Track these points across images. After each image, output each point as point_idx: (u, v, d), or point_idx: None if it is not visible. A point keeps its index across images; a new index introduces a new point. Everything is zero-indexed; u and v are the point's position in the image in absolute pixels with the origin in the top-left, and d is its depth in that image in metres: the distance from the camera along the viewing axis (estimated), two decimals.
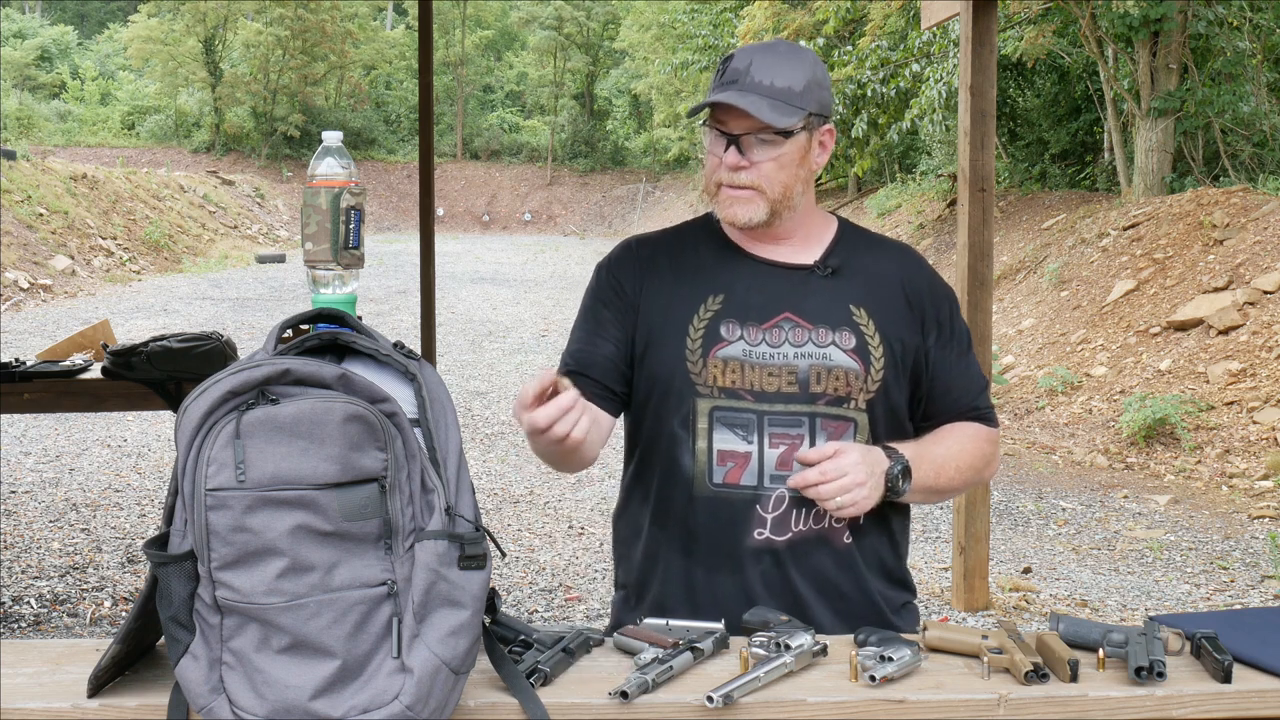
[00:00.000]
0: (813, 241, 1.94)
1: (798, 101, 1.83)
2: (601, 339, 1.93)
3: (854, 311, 1.88)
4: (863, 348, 1.87)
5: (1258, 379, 8.22)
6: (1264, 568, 5.65)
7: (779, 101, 1.82)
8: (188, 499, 1.38)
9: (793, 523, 1.85)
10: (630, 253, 2.00)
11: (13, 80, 43.02)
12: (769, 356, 1.85)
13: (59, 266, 17.67)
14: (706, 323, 1.87)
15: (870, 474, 1.79)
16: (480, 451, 8.06)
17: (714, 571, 1.86)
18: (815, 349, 1.85)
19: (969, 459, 1.94)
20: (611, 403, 1.93)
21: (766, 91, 1.82)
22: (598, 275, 2.01)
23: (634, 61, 41.31)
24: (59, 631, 4.63)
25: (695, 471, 1.86)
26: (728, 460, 1.85)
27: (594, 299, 1.98)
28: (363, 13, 45.22)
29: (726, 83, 1.84)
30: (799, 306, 1.88)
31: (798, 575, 1.85)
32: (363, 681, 1.37)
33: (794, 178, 1.86)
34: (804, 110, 1.83)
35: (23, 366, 4.50)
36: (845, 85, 16.05)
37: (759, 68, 1.83)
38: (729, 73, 1.85)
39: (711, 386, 1.85)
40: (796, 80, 1.83)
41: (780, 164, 1.85)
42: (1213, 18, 13.86)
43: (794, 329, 1.86)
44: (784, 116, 1.81)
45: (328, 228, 1.93)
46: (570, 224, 41.02)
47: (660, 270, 1.95)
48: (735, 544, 1.85)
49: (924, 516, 6.45)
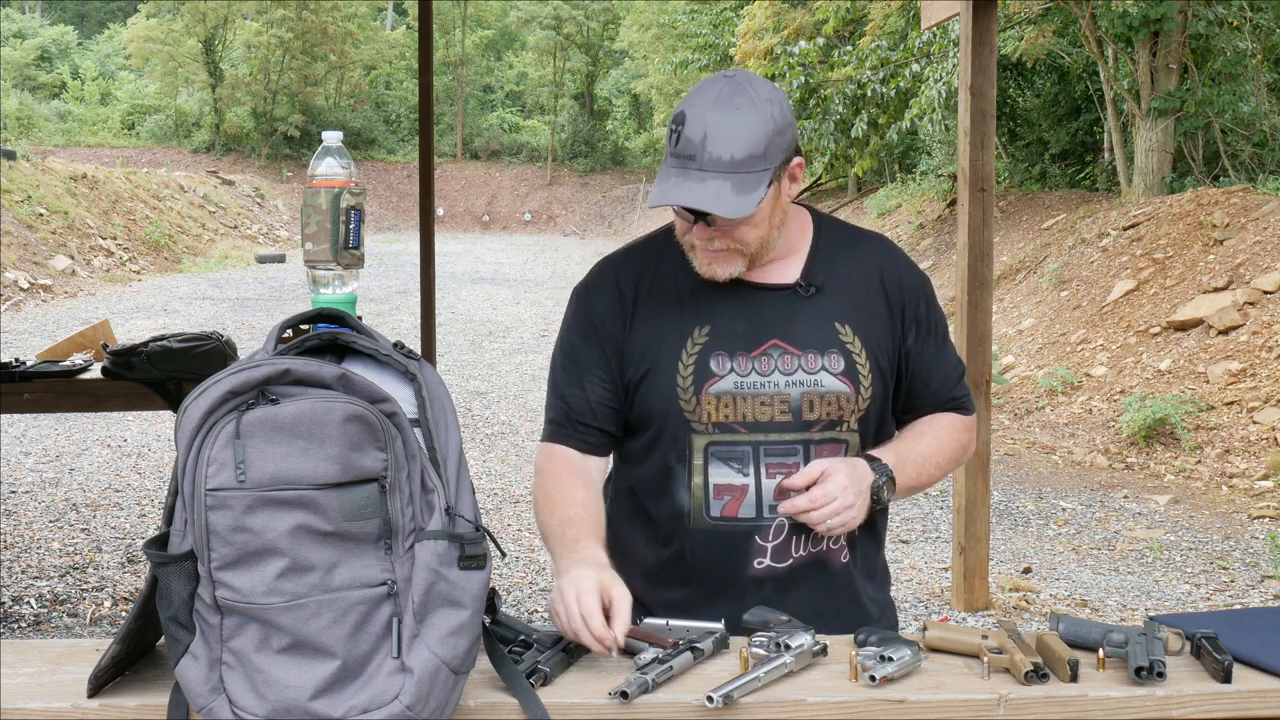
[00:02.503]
0: (792, 252, 1.90)
1: (761, 165, 1.73)
2: (590, 383, 1.90)
3: (840, 330, 1.86)
4: (851, 369, 1.85)
5: (1258, 379, 8.22)
6: (1264, 568, 5.65)
7: (743, 175, 1.71)
8: (188, 499, 1.38)
9: (793, 549, 1.85)
10: (608, 280, 1.93)
11: (13, 80, 43.02)
12: (760, 386, 1.83)
13: (59, 266, 17.67)
14: (695, 357, 1.84)
15: (858, 493, 1.80)
16: (480, 451, 8.06)
17: (715, 598, 1.86)
18: (806, 375, 1.84)
19: (949, 452, 1.98)
20: (608, 445, 1.94)
21: (728, 168, 1.71)
22: (576, 305, 1.95)
23: (634, 61, 41.31)
24: (59, 631, 4.63)
25: (692, 506, 1.86)
26: (724, 494, 1.84)
27: (577, 334, 1.93)
28: (363, 13, 45.21)
29: (682, 156, 1.73)
30: (786, 331, 1.85)
31: (799, 599, 1.85)
32: (363, 681, 1.37)
33: (770, 227, 1.81)
34: (769, 170, 1.74)
35: (23, 366, 4.50)
36: (845, 85, 16.05)
37: (715, 139, 1.71)
38: (683, 143, 1.72)
39: (706, 423, 1.83)
40: (757, 142, 1.72)
41: (753, 224, 1.78)
42: (1213, 18, 13.86)
43: (783, 356, 1.84)
44: (750, 195, 1.72)
45: (328, 228, 1.94)
46: (570, 224, 41.01)
47: (642, 300, 1.90)
48: (737, 574, 1.86)
49: (924, 517, 6.45)
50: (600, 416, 1.90)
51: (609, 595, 1.65)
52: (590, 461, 1.92)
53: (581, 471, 1.90)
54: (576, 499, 1.86)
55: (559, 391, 1.93)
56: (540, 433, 1.98)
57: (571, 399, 1.91)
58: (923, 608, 4.95)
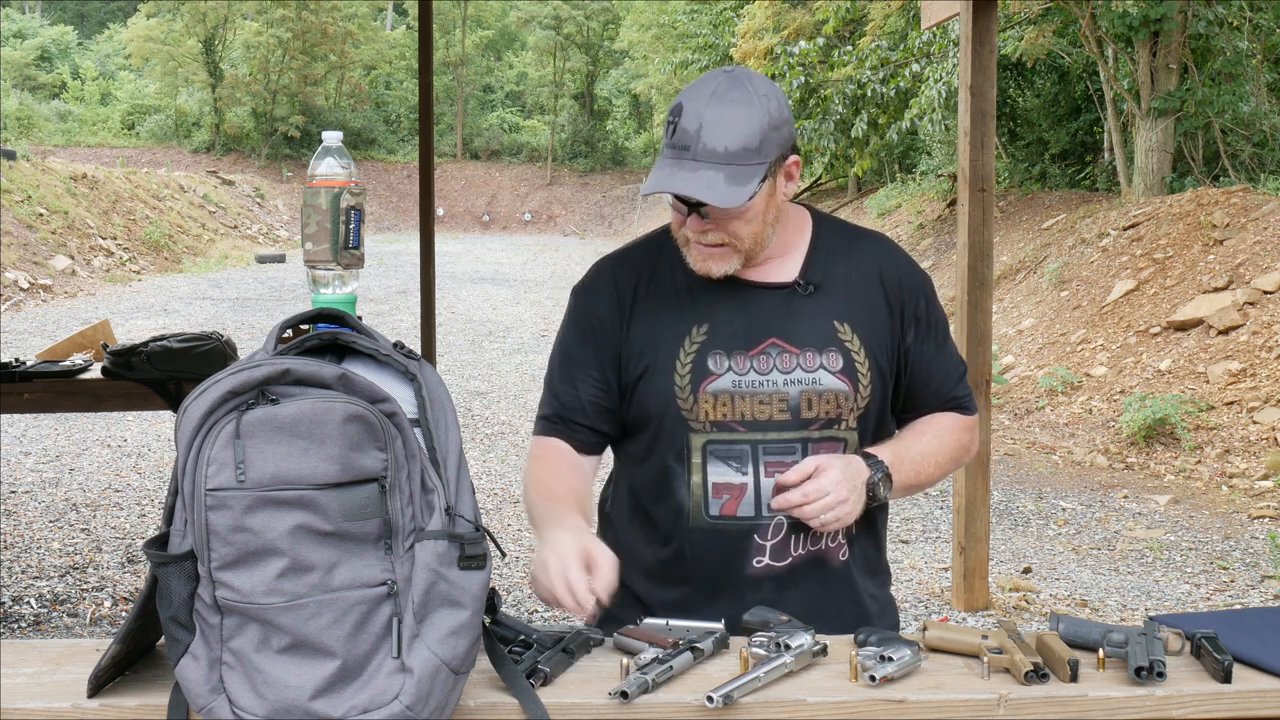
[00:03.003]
0: (790, 251, 1.90)
1: (756, 158, 1.73)
2: (583, 382, 1.91)
3: (838, 329, 1.86)
4: (850, 367, 1.85)
5: (1258, 379, 8.22)
6: (1264, 568, 5.65)
7: (736, 166, 1.72)
8: (188, 499, 1.38)
9: (792, 547, 1.85)
10: (606, 280, 1.93)
11: (13, 80, 43.01)
12: (758, 385, 1.83)
13: (59, 266, 17.67)
14: (693, 356, 1.84)
15: (852, 488, 1.79)
16: (480, 451, 8.06)
17: (714, 597, 1.86)
18: (804, 374, 1.83)
19: (949, 451, 1.95)
20: (600, 444, 1.95)
21: (722, 159, 1.71)
22: (574, 305, 1.96)
23: (634, 61, 41.30)
24: (59, 631, 4.63)
25: (691, 505, 1.86)
26: (723, 493, 1.84)
27: (573, 333, 1.94)
28: (363, 13, 45.19)
29: (678, 147, 1.74)
30: (784, 330, 1.85)
31: (798, 598, 1.85)
32: (363, 681, 1.37)
33: (764, 223, 1.81)
34: (764, 165, 1.74)
35: (23, 366, 4.50)
36: (845, 85, 16.05)
37: (711, 130, 1.71)
38: (679, 134, 1.73)
39: (704, 421, 1.83)
40: (752, 135, 1.72)
41: (747, 219, 1.78)
42: (1213, 18, 13.86)
43: (781, 355, 1.84)
44: (743, 187, 1.72)
45: (328, 228, 1.94)
46: (570, 224, 41.01)
47: (639, 299, 1.90)
48: (735, 573, 1.85)
49: (924, 517, 6.45)
50: (592, 415, 1.91)
51: (591, 558, 1.67)
52: (581, 459, 1.93)
53: (572, 462, 1.91)
54: (565, 481, 1.88)
55: (553, 389, 1.95)
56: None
57: (565, 396, 1.92)
58: (923, 608, 4.95)
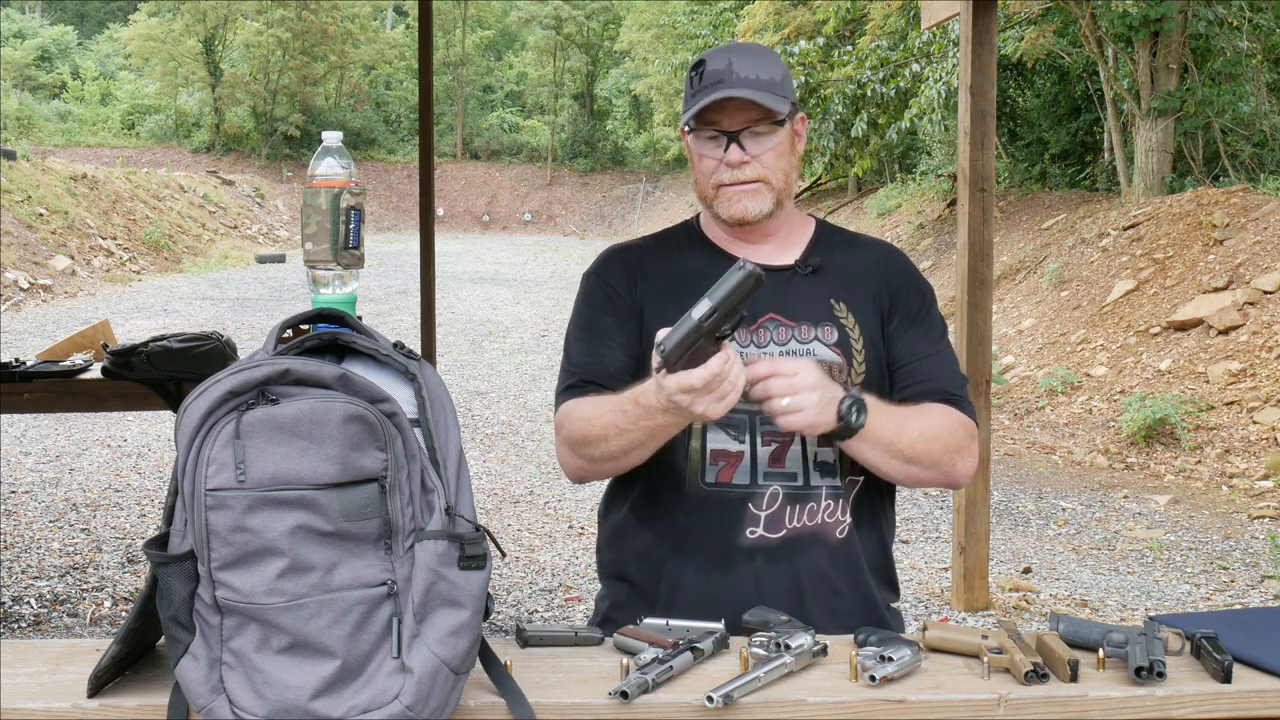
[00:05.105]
0: (793, 241, 1.98)
1: (780, 91, 1.88)
2: (607, 348, 1.92)
3: (834, 306, 1.92)
4: (844, 341, 1.90)
5: (1258, 379, 8.21)
6: (1264, 568, 5.65)
7: (770, 93, 1.86)
8: (188, 499, 1.38)
9: (786, 519, 1.86)
10: (618, 258, 2.01)
11: (13, 80, 43.01)
12: (756, 356, 1.85)
13: (59, 266, 17.66)
14: None
15: (822, 395, 1.71)
16: (480, 451, 8.06)
17: (707, 570, 1.87)
18: (799, 345, 1.88)
19: (935, 429, 1.85)
20: None
21: (755, 85, 1.85)
22: (588, 283, 1.99)
23: (634, 61, 41.30)
24: (59, 631, 4.63)
25: (688, 471, 1.87)
26: (720, 460, 1.86)
27: (590, 308, 1.97)
28: (363, 13, 45.20)
29: (711, 84, 1.86)
30: (782, 306, 1.90)
31: (792, 572, 1.85)
32: (363, 681, 1.37)
33: (790, 165, 1.92)
34: (789, 99, 1.89)
35: (23, 366, 4.50)
36: (845, 85, 16.03)
37: (740, 65, 1.86)
38: (709, 74, 1.87)
39: None
40: (776, 73, 1.89)
41: (778, 153, 1.90)
42: (1213, 18, 13.86)
43: (778, 328, 1.89)
44: (779, 103, 1.86)
45: (328, 228, 1.93)
46: (570, 224, 41.01)
47: (651, 275, 1.96)
48: (728, 543, 1.86)
49: (924, 517, 6.45)
50: (616, 379, 1.87)
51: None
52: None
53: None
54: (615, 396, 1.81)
55: (576, 360, 1.93)
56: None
57: (589, 366, 1.91)
58: (923, 608, 4.95)
